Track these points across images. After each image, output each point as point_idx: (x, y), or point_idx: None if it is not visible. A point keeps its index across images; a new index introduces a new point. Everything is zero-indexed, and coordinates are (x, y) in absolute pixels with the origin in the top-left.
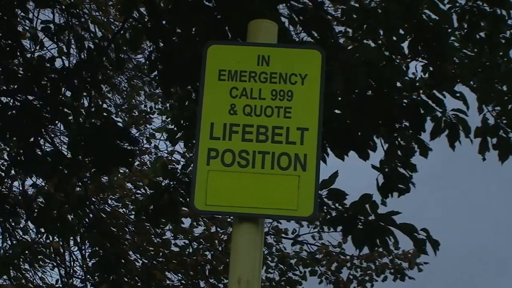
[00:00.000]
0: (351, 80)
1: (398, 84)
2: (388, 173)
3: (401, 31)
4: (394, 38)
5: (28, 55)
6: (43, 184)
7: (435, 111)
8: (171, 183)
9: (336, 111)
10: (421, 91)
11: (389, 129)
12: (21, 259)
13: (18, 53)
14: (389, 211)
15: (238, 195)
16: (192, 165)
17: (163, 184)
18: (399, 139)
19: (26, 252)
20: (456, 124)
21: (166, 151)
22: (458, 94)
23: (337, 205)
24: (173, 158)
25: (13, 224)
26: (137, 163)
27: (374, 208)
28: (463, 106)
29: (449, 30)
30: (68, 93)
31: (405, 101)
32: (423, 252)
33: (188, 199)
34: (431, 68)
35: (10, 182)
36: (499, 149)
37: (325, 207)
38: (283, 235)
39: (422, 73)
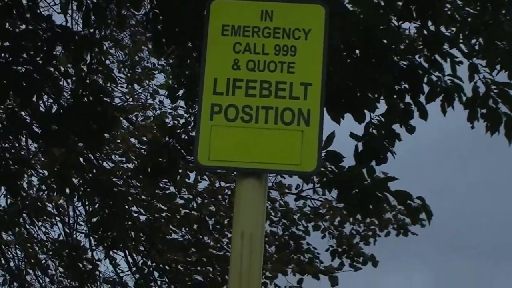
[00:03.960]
0: (348, 35)
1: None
2: (368, 141)
3: None
4: None
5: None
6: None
7: (432, 73)
8: (171, 140)
9: (332, 69)
10: (419, 55)
11: (387, 90)
12: (24, 215)
13: (14, 11)
14: (386, 176)
15: (241, 150)
16: (193, 121)
17: (163, 141)
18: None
19: (29, 207)
20: (451, 89)
21: (170, 106)
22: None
23: (333, 167)
24: (177, 113)
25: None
26: (140, 118)
27: (371, 173)
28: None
29: None
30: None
31: (403, 63)
32: (416, 222)
33: (188, 156)
34: (425, 32)
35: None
36: (488, 120)
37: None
38: (286, 190)
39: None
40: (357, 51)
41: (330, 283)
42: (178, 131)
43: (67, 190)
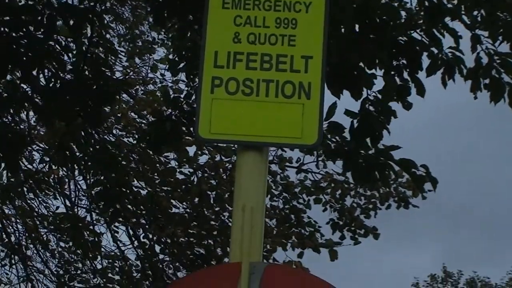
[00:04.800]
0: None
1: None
2: (364, 118)
3: None
4: None
5: None
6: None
7: (431, 48)
8: (173, 112)
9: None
10: (419, 29)
11: (387, 64)
12: (25, 188)
13: None
14: (389, 145)
15: (242, 123)
16: (195, 93)
17: (165, 113)
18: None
19: (30, 181)
20: (452, 62)
21: (171, 80)
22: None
23: (337, 138)
24: (178, 87)
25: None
26: (141, 92)
27: (374, 144)
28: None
29: None
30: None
31: (401, 38)
32: (421, 189)
33: (190, 128)
34: (426, 3)
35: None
36: (491, 89)
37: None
38: (287, 163)
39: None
40: (356, 26)
41: (330, 257)
42: (180, 104)
43: (69, 163)
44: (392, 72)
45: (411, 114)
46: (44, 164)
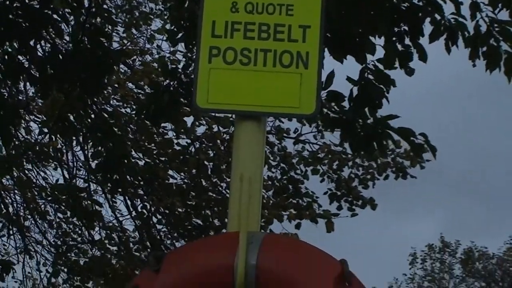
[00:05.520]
0: None
1: None
2: (363, 86)
3: None
4: None
5: None
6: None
7: (433, 14)
8: (172, 83)
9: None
10: None
11: (387, 31)
12: (24, 159)
13: None
14: (387, 114)
15: (240, 93)
16: (193, 64)
17: (164, 83)
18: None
19: (29, 152)
20: (455, 28)
21: (168, 51)
22: None
23: (335, 107)
24: (175, 58)
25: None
26: (138, 63)
27: (373, 113)
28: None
29: None
30: None
31: (403, 4)
32: (421, 157)
33: (189, 99)
34: None
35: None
36: (488, 57)
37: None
38: (285, 134)
39: None
40: None
41: (326, 229)
42: (178, 75)
43: (68, 134)
44: (394, 38)
45: (412, 84)
46: (43, 136)
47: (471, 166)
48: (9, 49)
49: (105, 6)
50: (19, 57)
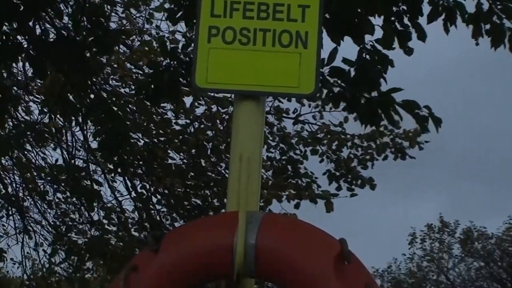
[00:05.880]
0: None
1: None
2: (361, 67)
3: None
4: None
5: None
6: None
7: None
8: (172, 62)
9: None
10: None
11: (386, 11)
12: (23, 140)
13: None
14: (390, 88)
15: (239, 73)
16: (193, 44)
17: (163, 63)
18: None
19: (28, 132)
20: (454, 8)
21: (167, 31)
22: None
23: (339, 81)
24: (174, 38)
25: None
26: (137, 43)
27: (371, 92)
28: None
29: None
30: None
31: None
32: (425, 129)
33: (188, 79)
34: None
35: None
36: (492, 35)
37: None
38: (284, 114)
39: None
40: None
41: (326, 209)
42: (178, 54)
43: (68, 114)
44: (392, 18)
45: (411, 68)
46: (43, 116)
47: (474, 145)
48: (8, 30)
49: None
50: (18, 37)
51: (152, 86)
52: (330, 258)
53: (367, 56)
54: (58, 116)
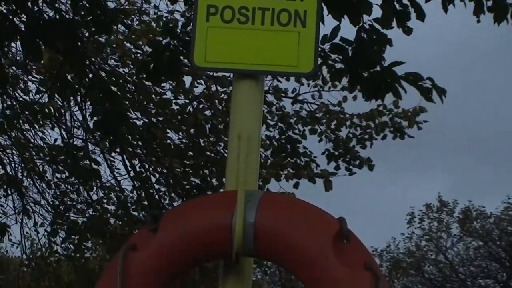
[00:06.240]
0: None
1: None
2: (359, 46)
3: None
4: None
5: None
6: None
7: None
8: (171, 41)
9: None
10: None
11: None
12: (21, 119)
13: None
14: (392, 61)
15: (237, 52)
16: (191, 23)
17: (163, 42)
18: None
19: (26, 112)
20: None
21: (166, 11)
22: None
23: (340, 57)
24: (173, 17)
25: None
26: (136, 22)
27: (379, 60)
28: None
29: None
30: None
31: None
32: (430, 100)
33: (188, 57)
34: None
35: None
36: (495, 11)
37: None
38: (283, 94)
39: None
40: None
41: (324, 188)
42: (177, 34)
43: (67, 94)
44: None
45: (410, 56)
46: (41, 95)
47: (473, 128)
48: (4, 11)
49: None
50: (14, 19)
51: (152, 65)
52: (329, 236)
53: (365, 36)
54: (56, 95)
